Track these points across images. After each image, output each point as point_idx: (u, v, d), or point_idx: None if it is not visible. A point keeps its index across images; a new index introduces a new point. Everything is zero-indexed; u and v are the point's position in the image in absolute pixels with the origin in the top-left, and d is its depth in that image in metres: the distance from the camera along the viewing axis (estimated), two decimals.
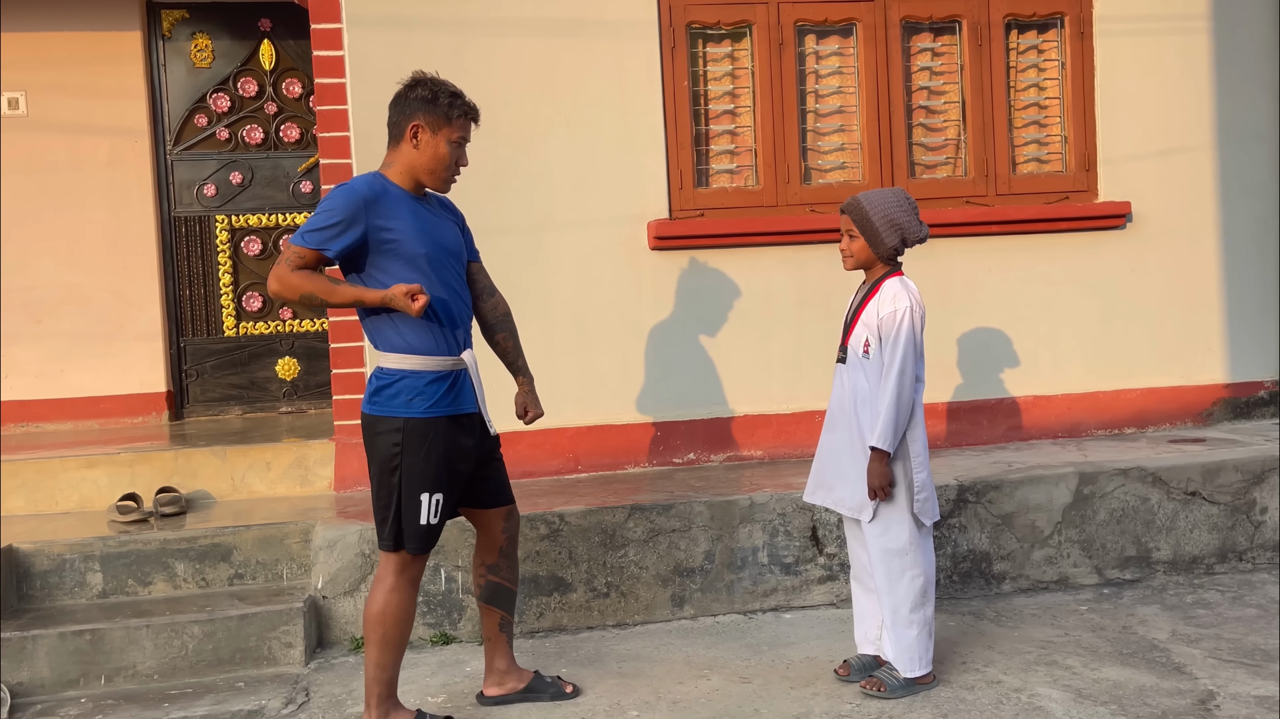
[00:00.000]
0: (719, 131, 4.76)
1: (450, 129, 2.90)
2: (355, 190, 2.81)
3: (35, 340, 5.61)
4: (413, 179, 2.92)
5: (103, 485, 4.35)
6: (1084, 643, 3.50)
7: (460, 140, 2.93)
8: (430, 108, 2.88)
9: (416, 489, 2.85)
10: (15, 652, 3.39)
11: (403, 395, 2.84)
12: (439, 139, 2.89)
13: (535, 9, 4.50)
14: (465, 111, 2.92)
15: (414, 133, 2.88)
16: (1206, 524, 4.18)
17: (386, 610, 2.88)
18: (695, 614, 3.90)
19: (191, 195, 5.81)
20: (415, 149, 2.89)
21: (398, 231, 2.84)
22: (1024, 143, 4.96)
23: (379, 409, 2.87)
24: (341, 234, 2.79)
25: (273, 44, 5.84)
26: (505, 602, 3.16)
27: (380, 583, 2.91)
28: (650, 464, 4.62)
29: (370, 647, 2.90)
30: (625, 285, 4.60)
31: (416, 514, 2.86)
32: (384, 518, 2.89)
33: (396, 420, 2.84)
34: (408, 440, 2.84)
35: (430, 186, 2.96)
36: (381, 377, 2.89)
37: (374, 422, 2.89)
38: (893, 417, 3.03)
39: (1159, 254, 4.95)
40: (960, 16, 4.84)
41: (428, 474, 2.86)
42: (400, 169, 2.91)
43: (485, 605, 3.17)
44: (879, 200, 3.11)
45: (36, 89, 5.58)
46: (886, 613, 3.14)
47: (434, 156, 2.90)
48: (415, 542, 2.88)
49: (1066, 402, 4.90)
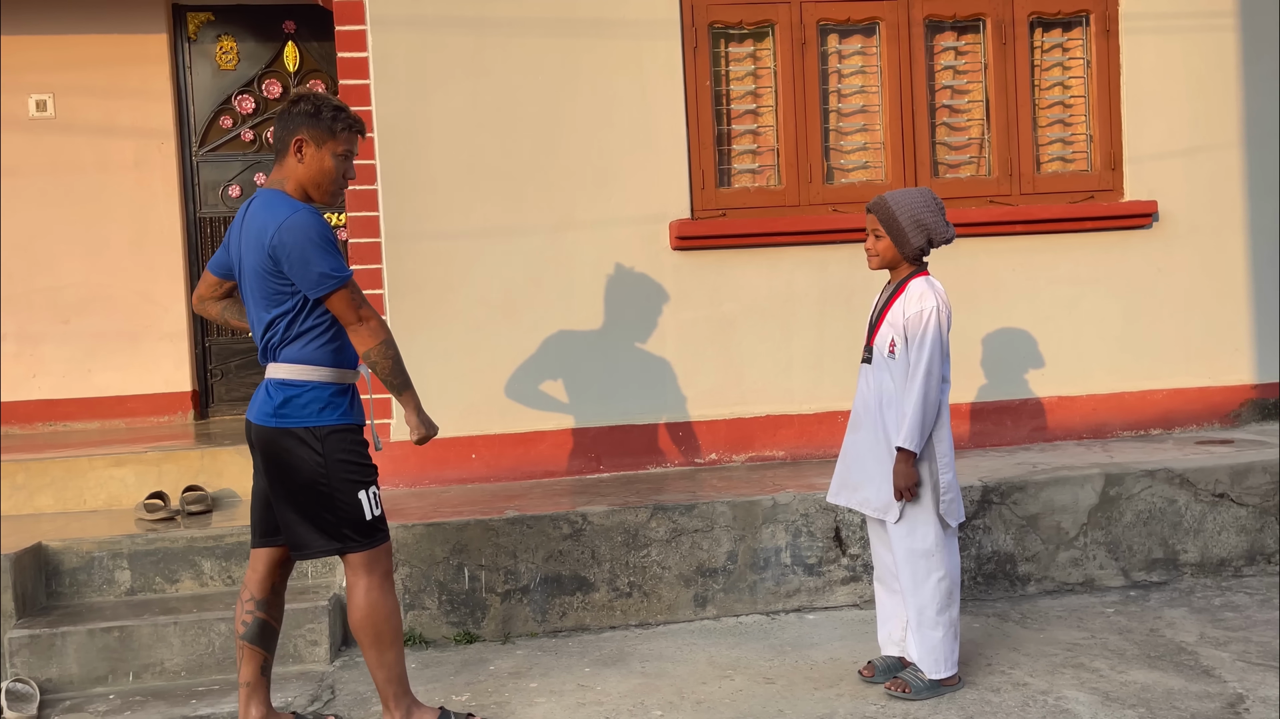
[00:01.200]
0: (741, 131, 4.75)
1: (335, 142, 2.87)
2: (311, 212, 2.79)
3: (62, 340, 5.68)
4: (302, 194, 2.89)
5: (130, 484, 4.39)
6: (1111, 645, 3.47)
7: (346, 154, 2.90)
8: (313, 122, 2.85)
9: (353, 490, 2.83)
10: (45, 648, 3.43)
11: (314, 405, 2.80)
12: (324, 153, 2.86)
13: (557, 9, 4.51)
14: (349, 125, 2.89)
15: (298, 147, 2.85)
16: (1235, 526, 4.14)
17: (373, 612, 2.85)
18: (718, 614, 3.89)
19: (216, 196, 5.86)
20: (300, 163, 2.86)
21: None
22: (1048, 142, 4.92)
23: (287, 421, 2.80)
24: (342, 254, 2.82)
25: (297, 46, 5.88)
26: (270, 642, 3.00)
27: (355, 588, 2.86)
28: (672, 464, 4.62)
29: (368, 651, 2.88)
30: (647, 285, 4.59)
31: (361, 513, 2.84)
32: (321, 527, 2.82)
33: (310, 430, 2.80)
34: (329, 448, 2.80)
35: (318, 200, 2.92)
36: (286, 388, 2.81)
37: (280, 435, 2.80)
38: (919, 417, 3.02)
39: (1185, 253, 4.91)
40: (984, 15, 4.81)
41: (357, 473, 2.84)
42: (292, 185, 2.88)
43: (250, 646, 2.96)
44: (906, 200, 3.10)
45: (64, 91, 5.65)
46: (912, 614, 3.12)
47: (320, 170, 2.86)
48: (370, 535, 2.86)
49: (1092, 402, 4.86)
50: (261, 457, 2.87)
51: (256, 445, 2.88)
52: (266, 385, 2.86)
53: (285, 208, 2.79)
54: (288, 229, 2.74)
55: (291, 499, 2.84)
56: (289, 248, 2.74)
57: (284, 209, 2.78)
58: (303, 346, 2.82)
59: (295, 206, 2.79)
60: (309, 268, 2.74)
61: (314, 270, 2.74)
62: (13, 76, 5.61)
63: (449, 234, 4.43)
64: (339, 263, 2.77)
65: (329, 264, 2.74)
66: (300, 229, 2.74)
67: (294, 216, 2.75)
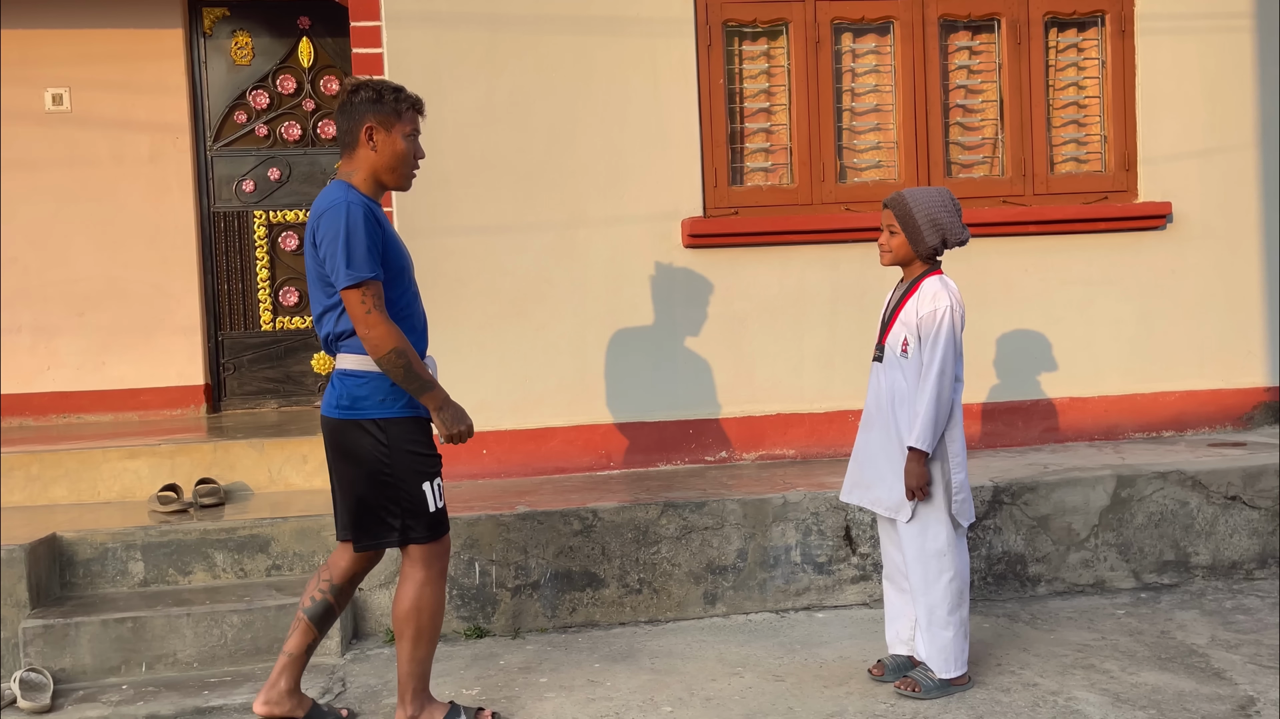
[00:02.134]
0: (754, 130, 4.75)
1: (402, 124, 2.88)
2: (354, 203, 2.76)
3: (77, 332, 5.71)
4: (376, 182, 2.89)
5: (144, 476, 4.41)
6: (1122, 647, 3.47)
7: (413, 133, 2.91)
8: (378, 107, 2.85)
9: (418, 481, 2.84)
10: (58, 638, 3.46)
11: (375, 396, 2.81)
12: (394, 136, 2.86)
13: (571, 7, 4.51)
14: (411, 104, 2.90)
15: (369, 134, 2.85)
16: (1247, 529, 4.13)
17: (420, 605, 2.87)
18: (728, 612, 3.90)
19: (230, 191, 5.88)
20: (374, 151, 2.86)
21: (388, 243, 2.84)
22: (1062, 142, 4.91)
23: (353, 413, 2.81)
24: (375, 252, 2.75)
25: (311, 41, 5.90)
26: (327, 624, 3.04)
27: (408, 579, 2.88)
28: (683, 461, 4.63)
29: (404, 643, 2.89)
30: (658, 282, 4.60)
31: (424, 504, 2.84)
32: (381, 519, 2.84)
33: (375, 422, 2.80)
34: (393, 439, 2.81)
35: (393, 185, 2.92)
36: (350, 379, 2.82)
37: (347, 427, 2.83)
38: (931, 416, 3.02)
39: (1199, 255, 4.89)
40: (999, 14, 4.80)
41: (421, 464, 2.84)
42: (363, 175, 2.87)
43: (308, 622, 3.00)
44: (923, 198, 3.10)
45: (80, 85, 5.67)
46: (921, 614, 3.12)
47: (393, 154, 2.87)
48: (432, 529, 2.87)
49: (1104, 403, 4.85)
50: (329, 448, 2.90)
51: (326, 437, 2.90)
52: (333, 377, 2.89)
53: (332, 196, 2.80)
54: (326, 217, 2.76)
55: (356, 490, 2.86)
56: (324, 235, 2.77)
57: (331, 197, 2.80)
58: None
59: (342, 196, 2.78)
60: (333, 259, 2.74)
61: (337, 262, 2.74)
62: (30, 70, 5.64)
63: (461, 230, 4.44)
64: (362, 262, 2.72)
65: (350, 260, 2.72)
66: (336, 219, 2.74)
67: (335, 206, 2.76)
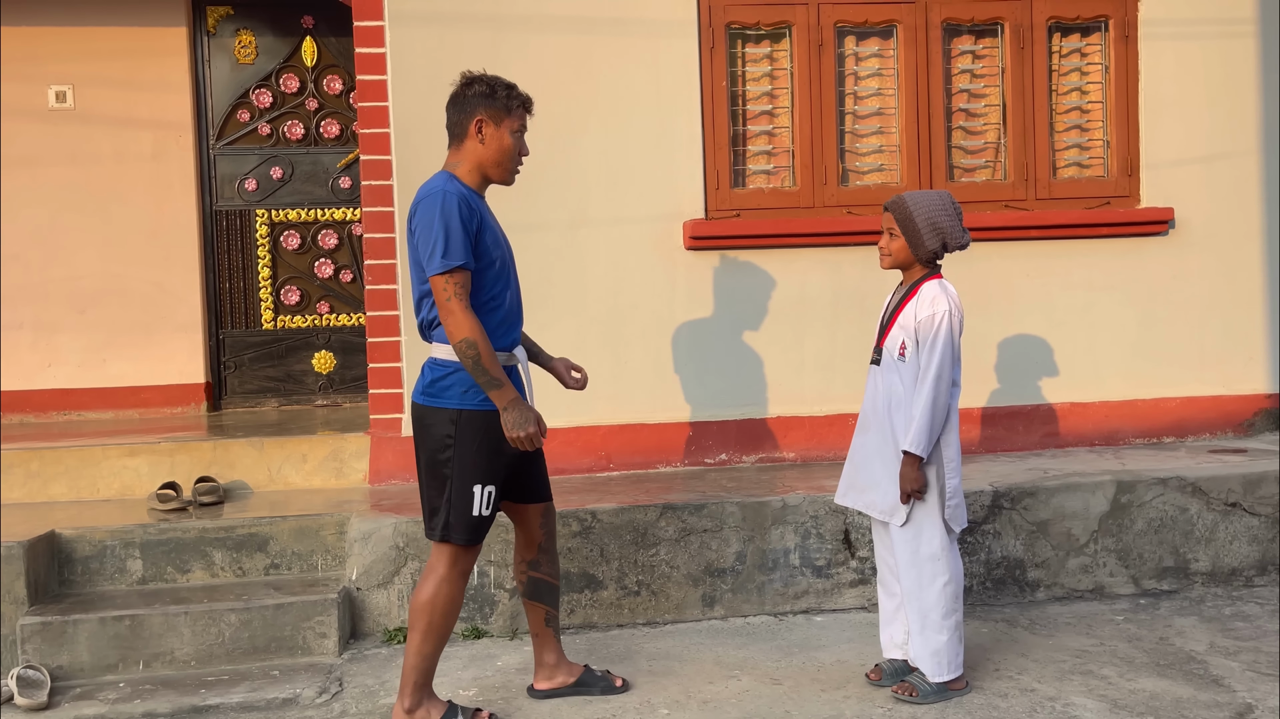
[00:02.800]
0: (756, 132, 4.75)
1: (511, 119, 2.95)
2: (451, 193, 2.82)
3: (78, 330, 5.71)
4: (480, 175, 2.96)
5: (143, 474, 4.41)
6: (1120, 653, 3.46)
7: (520, 129, 2.98)
8: (490, 101, 2.92)
9: (469, 481, 2.87)
10: (56, 635, 3.46)
11: (458, 387, 2.86)
12: (502, 131, 2.93)
13: (574, 6, 4.51)
14: (522, 102, 2.99)
15: (479, 128, 2.92)
16: (1247, 536, 4.12)
17: (436, 600, 2.90)
18: (726, 614, 3.89)
19: (233, 189, 5.88)
20: (481, 144, 2.93)
21: (485, 233, 2.88)
22: (1065, 147, 4.91)
23: (433, 400, 2.89)
24: (466, 239, 2.80)
25: (315, 41, 5.90)
26: (549, 596, 3.18)
27: (431, 573, 2.93)
28: (682, 464, 4.63)
29: (414, 633, 2.93)
30: (659, 284, 4.60)
31: (469, 506, 2.88)
32: (434, 509, 2.91)
33: (451, 412, 2.87)
34: (461, 432, 2.86)
35: (497, 179, 3.00)
36: (437, 368, 2.90)
37: (426, 413, 2.91)
38: (927, 421, 3.01)
39: (1201, 261, 4.88)
40: (1002, 19, 4.80)
41: (481, 466, 2.88)
42: (468, 167, 2.94)
43: (530, 601, 3.18)
44: (924, 201, 3.09)
45: (83, 83, 5.68)
46: (915, 618, 3.12)
47: (500, 149, 2.94)
48: (467, 533, 2.90)
49: (1105, 409, 4.84)
50: (414, 432, 2.96)
51: (412, 422, 2.97)
52: (424, 364, 2.94)
53: (431, 185, 2.86)
54: (423, 205, 2.83)
55: (422, 475, 2.94)
56: (419, 222, 2.83)
57: (430, 186, 2.86)
58: None
59: (439, 185, 2.83)
60: (425, 245, 2.80)
61: (425, 248, 2.80)
62: (34, 67, 5.64)
63: None
64: (450, 250, 2.76)
65: (439, 248, 2.77)
66: (431, 207, 2.80)
67: (431, 195, 2.82)
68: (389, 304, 4.47)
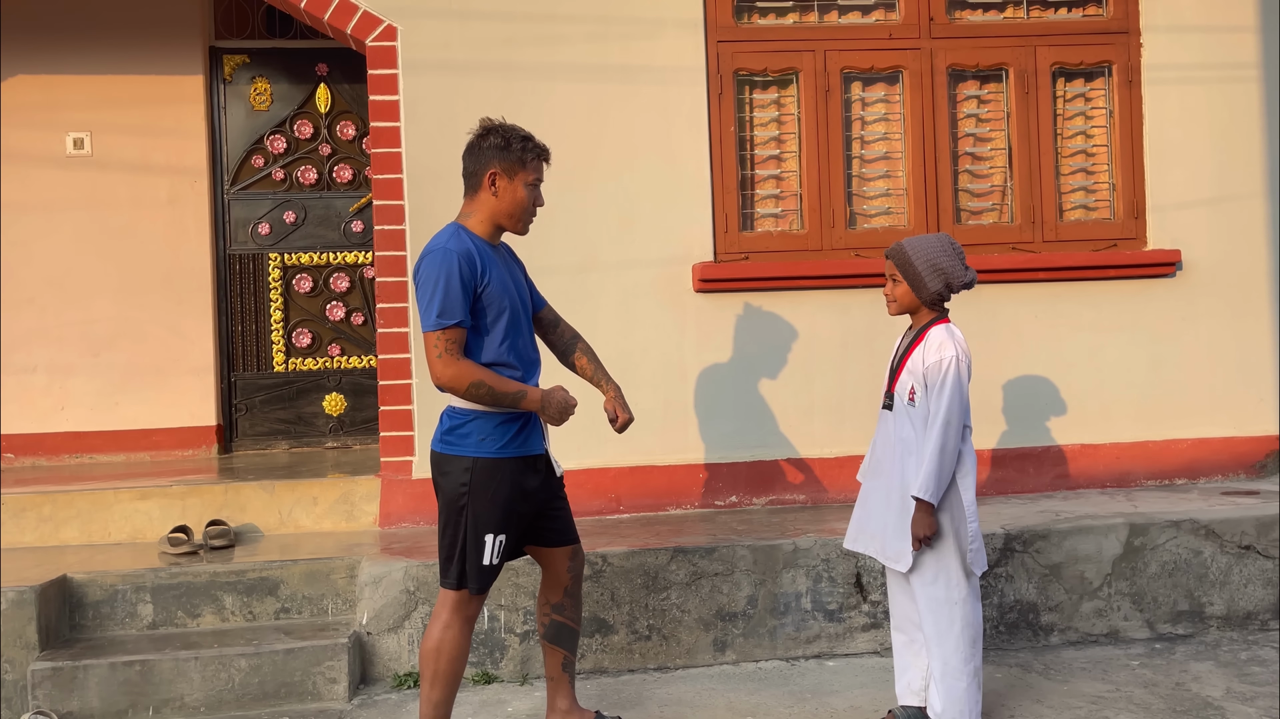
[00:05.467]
0: (764, 176, 4.80)
1: (526, 172, 2.98)
2: (453, 251, 2.85)
3: (92, 373, 5.75)
4: (493, 226, 3.00)
5: (154, 517, 4.42)
6: (1136, 699, 3.43)
7: (535, 182, 3.01)
8: (504, 154, 2.95)
9: (482, 530, 2.89)
10: (67, 681, 3.45)
11: (474, 435, 2.88)
12: (516, 184, 2.97)
13: (584, 55, 4.59)
14: (538, 154, 3.01)
15: (492, 180, 2.95)
16: (1261, 579, 4.09)
17: (441, 648, 2.90)
18: (737, 659, 3.87)
19: (246, 233, 5.95)
20: (494, 196, 2.96)
21: (489, 285, 2.90)
22: (1071, 189, 4.95)
23: (450, 448, 2.91)
24: (464, 298, 2.84)
25: (329, 88, 6.00)
26: (569, 641, 3.17)
27: (436, 619, 2.93)
28: (692, 506, 4.62)
29: (424, 682, 2.93)
30: (669, 327, 4.63)
31: (480, 554, 2.89)
32: (449, 555, 2.92)
33: (466, 460, 2.88)
34: (476, 480, 2.87)
35: (511, 230, 3.04)
36: (454, 416, 2.93)
37: (443, 460, 2.93)
38: (936, 467, 3.01)
39: (1210, 302, 4.89)
40: (1007, 65, 4.86)
41: (494, 515, 2.89)
42: (480, 218, 2.98)
43: (549, 644, 3.18)
44: (922, 245, 3.12)
45: (101, 129, 5.77)
46: (935, 665, 3.10)
47: (514, 201, 2.98)
48: (475, 581, 2.91)
49: (1115, 450, 4.83)
50: (433, 478, 2.98)
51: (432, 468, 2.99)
52: (444, 411, 2.97)
53: (436, 240, 2.90)
54: (425, 261, 2.88)
55: (439, 521, 2.95)
56: (421, 278, 2.88)
57: (434, 241, 2.90)
58: None
59: (443, 243, 2.87)
60: (421, 300, 2.86)
61: (422, 304, 2.86)
62: (52, 114, 5.74)
63: None
64: (444, 309, 2.80)
65: (434, 305, 2.82)
66: (432, 264, 2.85)
67: (434, 252, 2.86)
68: (400, 347, 4.50)
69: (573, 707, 3.19)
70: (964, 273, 3.12)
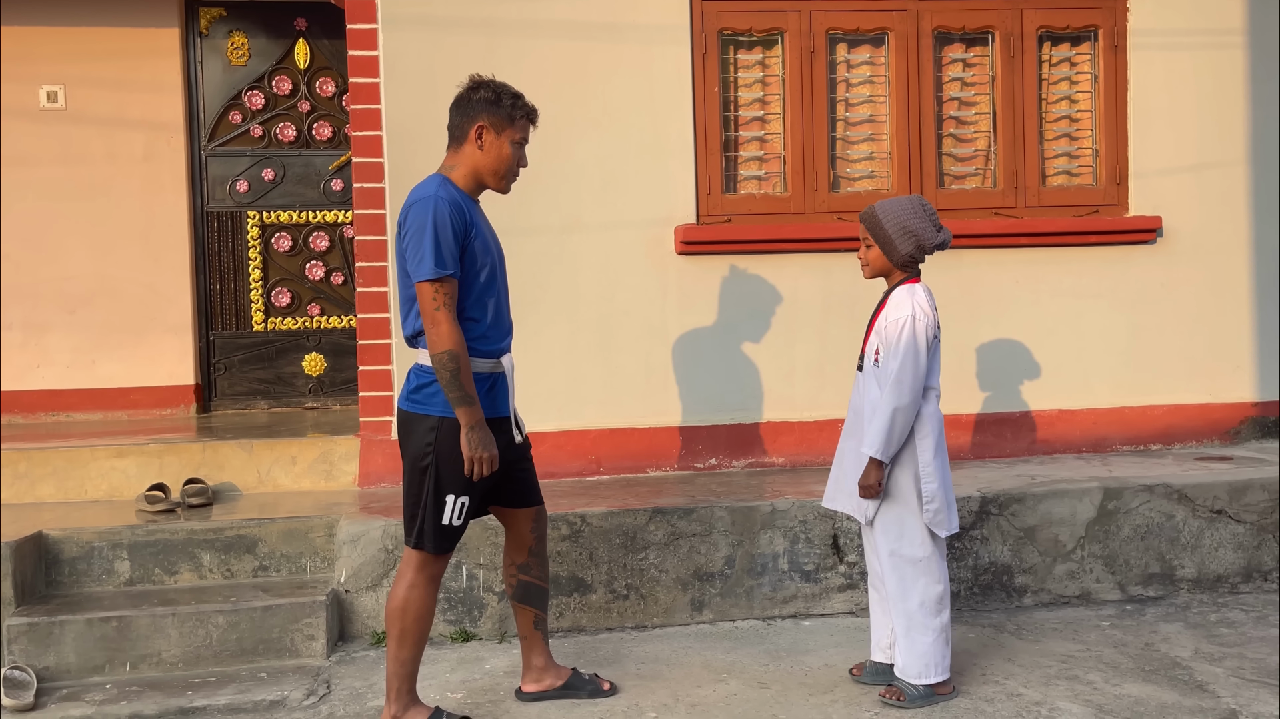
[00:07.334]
0: (748, 138, 4.77)
1: (513, 130, 2.94)
2: (443, 199, 2.80)
3: (68, 330, 5.70)
4: (476, 181, 2.96)
5: (132, 475, 4.40)
6: (1106, 658, 3.48)
7: (521, 141, 2.98)
8: (494, 109, 2.91)
9: (444, 490, 2.88)
10: (43, 636, 3.45)
11: (441, 395, 2.85)
12: (502, 140, 2.93)
13: (567, 11, 4.53)
14: (526, 113, 2.98)
15: (478, 134, 2.91)
16: (1232, 543, 4.15)
17: (406, 606, 2.91)
18: (714, 618, 3.90)
19: (224, 191, 5.88)
20: (480, 150, 2.92)
21: (475, 238, 2.87)
22: (1054, 155, 4.94)
23: (416, 406, 2.89)
24: (457, 250, 2.79)
25: (308, 43, 5.90)
26: (538, 599, 3.19)
27: (401, 578, 2.94)
28: (672, 468, 4.64)
29: (390, 641, 2.94)
30: (650, 289, 4.61)
31: (440, 514, 2.88)
32: (412, 514, 2.92)
33: (432, 419, 2.86)
34: (441, 440, 2.86)
35: (493, 187, 3.00)
36: (421, 374, 2.90)
37: (410, 419, 2.91)
38: (885, 424, 3.02)
39: (1189, 269, 4.92)
40: (993, 28, 4.83)
41: (456, 476, 2.87)
42: (464, 171, 2.94)
43: (519, 604, 3.19)
44: (893, 208, 3.12)
45: (75, 83, 5.67)
46: (899, 621, 3.13)
47: (498, 157, 2.94)
48: (433, 541, 2.90)
49: (1092, 416, 4.87)
50: (399, 436, 2.96)
51: (397, 428, 2.97)
52: (410, 371, 2.94)
53: (423, 188, 2.84)
54: (414, 210, 2.81)
55: (403, 480, 2.94)
56: (409, 228, 2.81)
57: (421, 189, 2.84)
58: None
59: (431, 191, 2.81)
60: (414, 251, 2.79)
61: (413, 255, 2.79)
62: (25, 67, 5.63)
63: None
64: (440, 259, 2.75)
65: (427, 254, 2.76)
66: (423, 213, 2.78)
67: (422, 200, 2.80)
68: (380, 307, 4.47)
69: (548, 663, 3.22)
70: (935, 234, 3.12)
